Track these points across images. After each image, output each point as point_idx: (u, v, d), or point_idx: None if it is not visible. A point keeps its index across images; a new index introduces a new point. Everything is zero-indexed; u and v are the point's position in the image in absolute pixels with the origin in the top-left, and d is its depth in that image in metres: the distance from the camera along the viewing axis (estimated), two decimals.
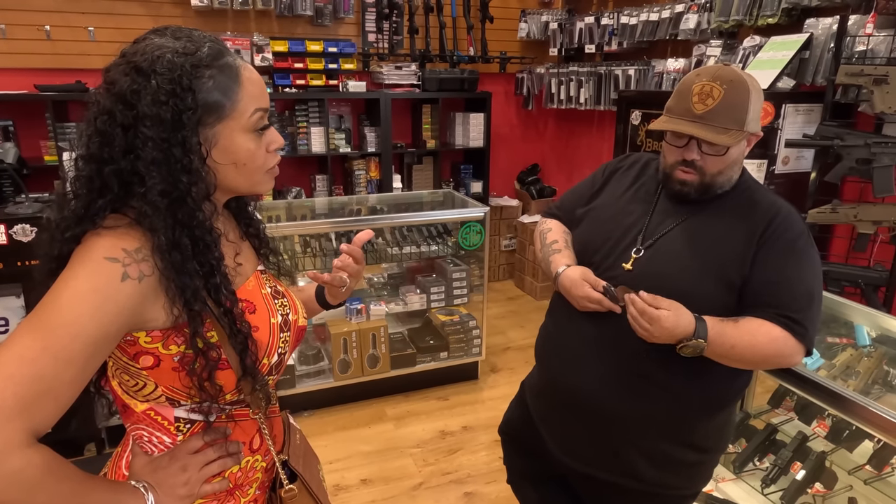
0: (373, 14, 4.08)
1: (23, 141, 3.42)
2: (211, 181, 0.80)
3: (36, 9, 3.39)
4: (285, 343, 0.93)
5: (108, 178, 0.76)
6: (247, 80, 0.82)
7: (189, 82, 0.76)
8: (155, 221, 0.76)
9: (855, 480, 1.89)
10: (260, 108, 0.84)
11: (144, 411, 0.87)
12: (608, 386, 1.27)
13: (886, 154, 2.13)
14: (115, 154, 0.76)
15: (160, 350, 0.80)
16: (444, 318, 3.25)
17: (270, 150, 0.87)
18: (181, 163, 0.76)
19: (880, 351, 1.79)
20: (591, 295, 1.23)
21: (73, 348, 0.70)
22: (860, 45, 2.30)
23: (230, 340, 0.83)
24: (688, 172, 1.22)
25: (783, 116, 2.53)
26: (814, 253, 1.21)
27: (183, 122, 0.76)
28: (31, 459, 0.69)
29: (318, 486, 1.04)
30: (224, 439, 0.90)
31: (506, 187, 4.97)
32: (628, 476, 1.32)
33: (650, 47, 3.71)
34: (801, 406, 2.10)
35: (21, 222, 2.21)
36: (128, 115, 0.75)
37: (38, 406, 0.69)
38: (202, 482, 0.88)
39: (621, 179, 1.41)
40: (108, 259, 0.73)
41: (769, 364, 1.21)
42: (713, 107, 1.15)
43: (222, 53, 0.81)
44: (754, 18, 2.82)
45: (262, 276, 0.98)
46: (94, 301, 0.71)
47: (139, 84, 0.75)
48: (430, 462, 2.60)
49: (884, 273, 2.27)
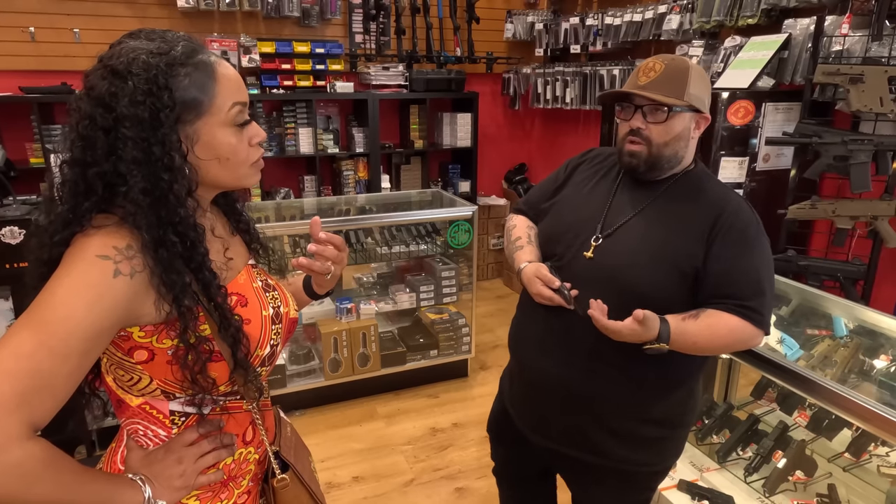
0: (360, 15, 4.09)
1: (8, 143, 3.39)
2: (193, 178, 0.81)
3: (20, 10, 3.37)
4: (277, 335, 0.94)
5: (93, 180, 0.77)
6: (222, 75, 0.83)
7: (165, 81, 0.77)
8: (139, 219, 0.77)
9: (834, 468, 1.94)
10: (238, 101, 0.85)
11: (139, 405, 0.88)
12: (571, 369, 1.33)
13: (863, 151, 2.19)
14: (97, 157, 0.77)
15: (154, 344, 0.82)
16: (433, 316, 3.28)
17: (253, 143, 0.88)
18: (161, 161, 0.77)
19: (856, 342, 1.85)
20: (543, 292, 1.31)
21: (69, 344, 0.72)
22: (836, 45, 2.36)
23: (221, 334, 0.84)
24: (635, 143, 1.30)
25: (763, 115, 2.59)
26: (764, 240, 1.28)
27: (161, 121, 0.77)
28: (31, 452, 0.70)
29: (310, 477, 1.06)
30: (218, 431, 0.92)
31: (493, 186, 5.00)
32: (598, 454, 1.37)
33: (634, 47, 3.76)
34: (782, 397, 2.15)
35: (9, 225, 2.20)
36: (107, 118, 0.76)
37: (36, 400, 0.70)
38: (197, 473, 0.89)
39: (583, 172, 1.48)
40: (99, 257, 0.75)
41: (730, 350, 1.32)
42: (654, 78, 1.26)
43: (196, 51, 0.82)
44: (735, 19, 2.88)
45: (254, 270, 1.00)
46: (88, 297, 0.73)
47: (116, 86, 0.76)
48: (422, 459, 2.63)
49: (862, 267, 2.33)
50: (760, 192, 2.64)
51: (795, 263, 2.42)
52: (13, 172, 2.53)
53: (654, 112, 1.26)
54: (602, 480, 1.42)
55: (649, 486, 1.48)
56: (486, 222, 4.69)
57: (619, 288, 1.26)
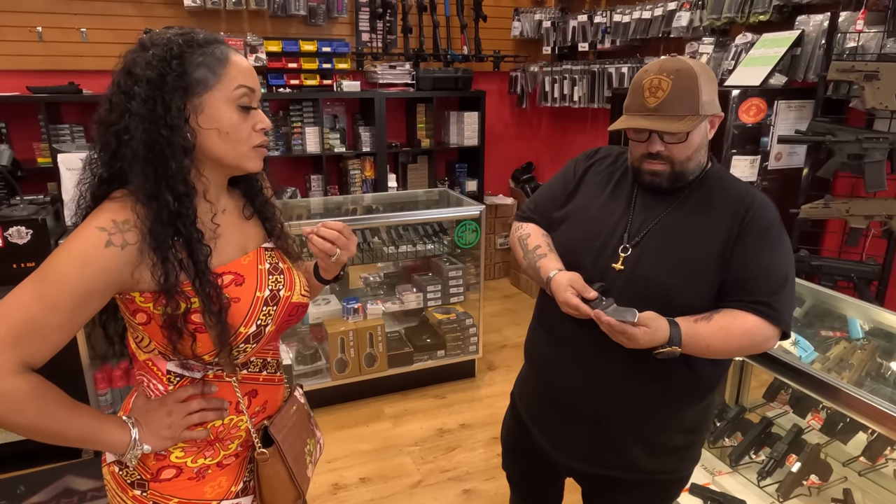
0: (366, 13, 4.08)
1: (15, 143, 3.40)
2: (190, 141, 0.90)
3: (28, 10, 3.38)
4: (268, 316, 1.00)
5: (111, 137, 0.89)
6: (234, 62, 0.93)
7: (179, 52, 0.88)
8: (136, 169, 0.87)
9: (849, 472, 1.91)
10: (244, 84, 0.93)
11: (144, 361, 1.00)
12: (606, 388, 1.27)
13: (877, 149, 2.16)
14: (115, 116, 0.88)
15: (151, 309, 0.91)
16: (440, 316, 3.26)
17: (257, 129, 0.96)
18: (163, 119, 0.87)
19: (873, 344, 1.81)
20: (570, 300, 1.23)
21: (61, 299, 0.84)
22: (851, 42, 2.33)
23: (204, 309, 0.91)
24: (656, 163, 1.24)
25: (775, 113, 2.55)
26: (786, 239, 1.24)
27: (166, 82, 0.87)
28: (18, 384, 0.82)
29: (297, 457, 1.10)
30: (210, 395, 1.01)
31: (500, 186, 4.98)
32: (631, 469, 1.33)
33: (643, 45, 3.72)
34: (795, 399, 2.12)
35: (16, 224, 2.20)
36: (128, 82, 0.88)
37: (28, 342, 0.83)
38: (183, 428, 0.98)
39: (595, 177, 1.40)
40: (98, 228, 0.86)
41: (746, 352, 1.24)
42: (664, 98, 1.18)
43: (216, 42, 0.92)
44: (746, 16, 2.84)
45: (266, 252, 1.06)
46: (79, 261, 0.84)
47: (139, 55, 0.89)
48: (429, 460, 2.61)
49: (876, 267, 2.30)
50: (772, 192, 2.60)
51: (808, 263, 2.38)
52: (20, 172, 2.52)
53: (672, 133, 1.19)
54: (629, 493, 1.38)
55: (676, 492, 1.45)
56: (493, 221, 4.67)
57: (656, 298, 1.20)
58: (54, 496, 2.31)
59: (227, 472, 1.05)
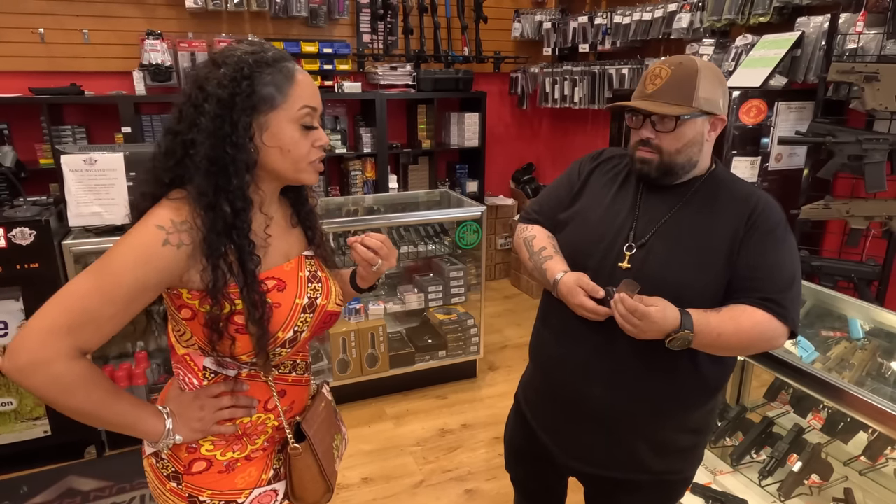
0: (367, 15, 4.09)
1: (18, 144, 3.41)
2: (252, 157, 0.95)
3: (30, 11, 3.38)
4: (304, 323, 1.04)
5: (177, 146, 0.94)
6: (300, 81, 0.97)
7: (249, 73, 0.92)
8: (198, 180, 0.92)
9: (850, 471, 1.92)
10: (308, 105, 0.98)
11: (183, 355, 1.05)
12: (613, 386, 1.28)
13: (877, 150, 2.17)
14: (182, 127, 0.94)
15: (197, 307, 0.96)
16: (441, 317, 3.27)
17: (316, 146, 1.01)
18: (229, 137, 0.92)
19: (874, 344, 1.82)
20: (586, 304, 1.23)
21: (117, 292, 0.89)
22: (851, 43, 2.34)
23: (247, 312, 0.95)
24: (646, 151, 1.26)
25: (776, 114, 2.56)
26: (792, 239, 1.25)
27: (235, 103, 0.92)
28: (72, 368, 0.88)
29: (326, 452, 1.14)
30: (241, 393, 1.05)
31: (501, 186, 4.99)
32: (638, 470, 1.34)
33: (644, 46, 3.74)
34: (796, 399, 2.13)
35: (19, 226, 2.20)
36: (199, 96, 0.93)
37: (83, 330, 0.88)
38: (214, 422, 1.03)
39: (600, 178, 1.41)
40: (157, 226, 0.91)
41: (755, 348, 1.23)
42: (661, 85, 1.22)
43: (284, 59, 0.97)
44: (746, 17, 2.85)
45: (307, 260, 1.10)
46: (137, 257, 0.89)
47: (211, 72, 0.94)
48: (431, 460, 2.62)
49: (876, 267, 2.30)
50: (773, 193, 2.53)
51: (809, 264, 2.39)
52: (23, 173, 2.53)
53: (662, 121, 1.22)
54: (634, 494, 1.38)
55: (680, 493, 1.45)
56: (493, 222, 4.68)
57: (666, 297, 1.19)
58: (57, 496, 2.31)
59: (255, 464, 1.10)
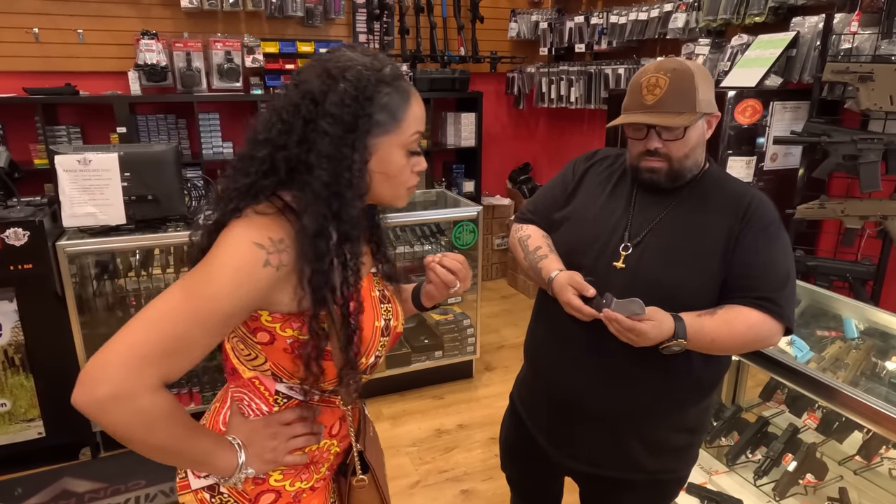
0: (363, 15, 4.08)
1: (12, 144, 3.39)
2: (366, 183, 0.87)
3: (24, 11, 3.37)
4: (383, 347, 0.98)
5: (280, 162, 0.84)
6: (415, 103, 0.91)
7: (371, 93, 0.85)
8: (311, 208, 0.83)
9: (845, 471, 1.92)
10: (419, 131, 0.92)
11: (250, 378, 0.95)
12: (608, 385, 1.28)
13: (872, 150, 2.17)
14: (290, 142, 0.84)
15: (277, 331, 0.88)
16: (438, 317, 3.27)
17: (415, 170, 0.94)
18: (348, 161, 0.84)
19: (868, 343, 1.83)
20: (572, 301, 1.24)
21: (213, 318, 0.80)
22: (845, 43, 2.34)
23: (340, 333, 0.88)
24: (654, 161, 1.25)
25: (771, 114, 2.57)
26: (785, 237, 1.26)
27: (357, 126, 0.84)
28: (157, 402, 0.78)
29: (384, 482, 1.10)
30: (313, 419, 0.99)
31: (498, 186, 4.99)
32: (632, 469, 1.34)
33: (639, 46, 3.74)
34: (791, 399, 2.13)
35: (13, 226, 2.19)
36: (312, 111, 0.83)
37: (173, 359, 0.78)
38: (286, 452, 0.95)
39: (595, 178, 1.41)
40: (255, 245, 0.81)
41: (750, 348, 1.25)
42: (661, 95, 1.20)
43: (400, 77, 0.90)
44: (742, 17, 2.85)
45: (374, 278, 1.04)
46: (236, 279, 0.80)
47: (328, 86, 0.84)
48: (427, 460, 2.61)
49: (871, 267, 2.31)
50: (768, 192, 2.53)
51: (804, 264, 2.40)
52: (17, 174, 2.52)
53: (669, 130, 1.22)
54: (629, 493, 1.39)
55: (675, 492, 1.45)
56: (490, 222, 4.68)
57: (661, 297, 1.20)
58: (52, 498, 2.30)
59: (317, 495, 1.04)
